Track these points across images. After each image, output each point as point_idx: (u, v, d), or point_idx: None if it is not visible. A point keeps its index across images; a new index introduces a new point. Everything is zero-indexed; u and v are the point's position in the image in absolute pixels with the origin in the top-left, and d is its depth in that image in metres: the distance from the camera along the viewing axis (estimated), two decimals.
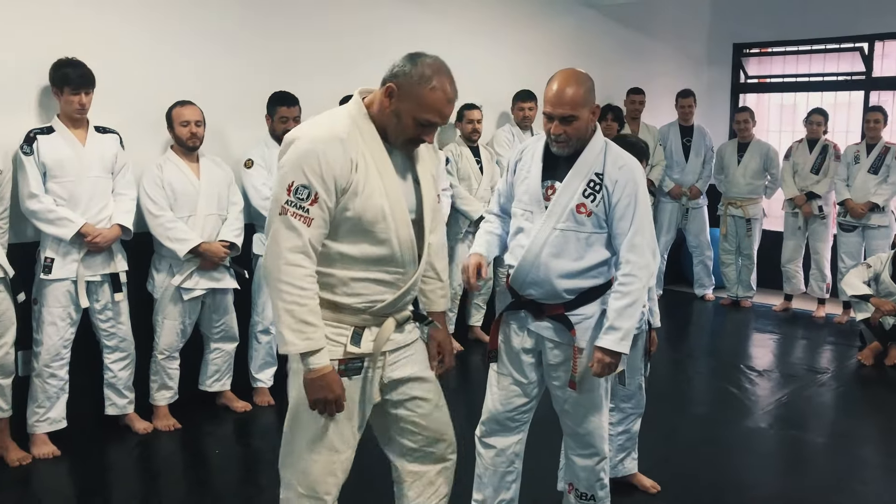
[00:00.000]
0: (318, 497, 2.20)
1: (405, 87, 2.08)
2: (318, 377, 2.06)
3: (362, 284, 2.14)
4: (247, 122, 4.42)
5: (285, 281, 2.02)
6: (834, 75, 7.66)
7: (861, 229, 6.26)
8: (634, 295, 2.53)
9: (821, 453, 4.00)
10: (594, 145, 2.59)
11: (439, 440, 2.39)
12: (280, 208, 2.04)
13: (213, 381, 4.22)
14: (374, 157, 2.11)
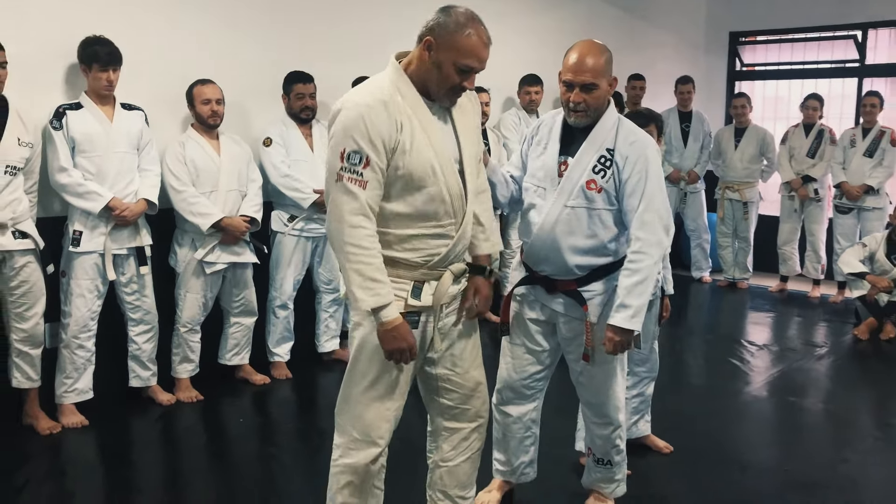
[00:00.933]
0: (373, 441, 2.31)
1: (443, 37, 2.16)
2: (392, 329, 2.17)
3: (418, 240, 2.25)
4: (264, 101, 4.52)
5: (350, 243, 2.13)
6: (828, 63, 7.83)
7: (857, 211, 6.44)
8: (645, 272, 2.53)
9: (818, 421, 4.15)
10: (607, 119, 2.61)
11: (474, 397, 2.50)
12: (336, 175, 2.14)
13: (233, 354, 4.32)
14: (417, 115, 2.20)
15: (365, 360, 2.27)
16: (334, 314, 4.69)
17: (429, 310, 2.31)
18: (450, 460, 2.54)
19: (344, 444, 2.34)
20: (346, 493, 2.34)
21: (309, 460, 3.51)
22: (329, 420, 3.94)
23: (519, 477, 2.98)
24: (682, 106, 7.12)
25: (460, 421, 2.52)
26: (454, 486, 2.56)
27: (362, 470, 2.32)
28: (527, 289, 2.79)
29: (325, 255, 4.54)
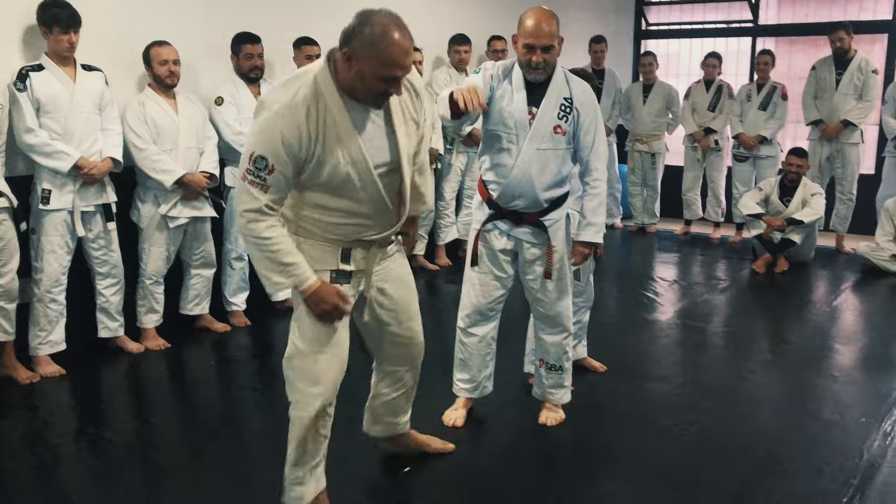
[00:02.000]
0: (322, 394, 2.43)
1: (361, 50, 2.17)
2: (313, 294, 2.32)
3: (343, 227, 2.41)
4: (212, 61, 4.69)
5: (252, 236, 2.26)
6: (724, 23, 8.46)
7: (752, 159, 7.11)
8: (603, 194, 3.11)
9: (723, 343, 4.72)
10: (558, 74, 3.05)
11: (410, 346, 2.78)
12: (242, 174, 2.25)
13: (194, 304, 4.56)
14: (336, 123, 2.24)
15: (305, 318, 2.40)
16: None
17: (359, 273, 2.50)
18: (386, 395, 2.86)
19: (293, 396, 2.48)
20: (293, 444, 2.49)
21: (271, 398, 3.75)
22: None
23: (481, 391, 3.40)
24: (596, 64, 7.58)
25: (396, 365, 2.80)
26: (386, 414, 2.90)
27: (309, 422, 2.45)
28: (493, 224, 3.18)
29: None
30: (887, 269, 6.07)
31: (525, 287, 3.28)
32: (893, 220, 6.14)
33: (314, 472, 2.56)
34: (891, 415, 3.47)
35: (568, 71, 3.13)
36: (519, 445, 3.25)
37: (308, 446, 2.51)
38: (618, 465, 3.07)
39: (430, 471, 2.99)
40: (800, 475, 2.94)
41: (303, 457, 2.52)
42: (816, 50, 7.77)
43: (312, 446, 2.51)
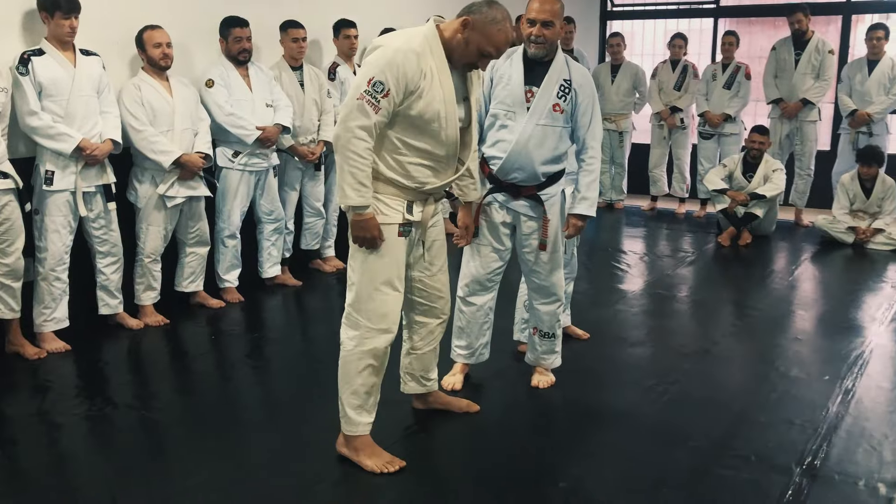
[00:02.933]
0: (387, 328, 2.80)
1: (479, 23, 2.63)
2: (363, 220, 2.66)
3: (414, 168, 2.74)
4: (201, 44, 4.79)
5: (352, 150, 2.58)
6: (687, 4, 8.73)
7: (717, 137, 7.41)
8: (597, 171, 3.33)
9: (692, 311, 5.02)
10: (559, 57, 3.25)
11: (440, 297, 3.08)
12: (358, 94, 2.57)
13: (189, 282, 4.70)
14: (439, 71, 2.66)
15: (376, 261, 2.75)
16: (276, 242, 5.12)
17: (417, 224, 2.84)
18: (419, 349, 3.15)
19: (359, 335, 2.79)
20: (366, 374, 2.82)
21: (266, 369, 3.99)
22: (282, 333, 4.52)
23: (478, 357, 3.62)
24: (565, 44, 7.75)
25: (428, 317, 3.10)
26: (420, 369, 3.19)
27: (381, 352, 2.81)
28: (492, 197, 3.38)
29: (266, 188, 4.94)
30: (843, 240, 6.43)
31: (521, 259, 3.49)
32: (849, 193, 6.49)
33: (376, 402, 2.90)
34: (850, 373, 3.78)
35: (568, 56, 3.31)
36: (513, 407, 3.49)
37: (371, 379, 2.82)
38: (606, 422, 3.32)
39: (431, 430, 3.22)
40: (773, 426, 3.22)
41: (366, 388, 2.83)
42: (775, 30, 8.10)
43: (376, 379, 2.85)
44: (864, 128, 6.80)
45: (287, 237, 5.24)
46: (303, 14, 5.14)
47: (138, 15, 4.38)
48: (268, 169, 4.90)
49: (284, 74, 5.10)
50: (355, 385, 2.83)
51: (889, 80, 6.75)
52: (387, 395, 3.03)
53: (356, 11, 5.59)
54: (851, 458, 2.95)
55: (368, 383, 2.84)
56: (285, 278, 5.23)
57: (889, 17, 7.79)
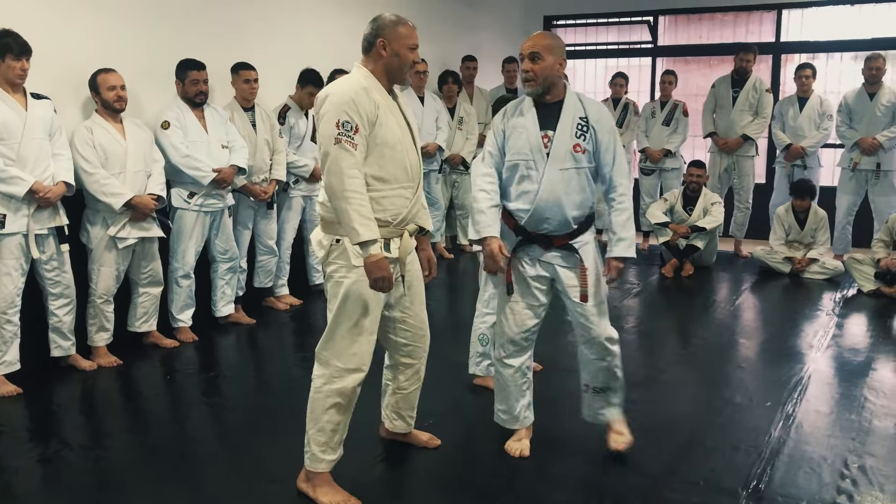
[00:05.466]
0: (358, 368, 2.87)
1: (389, 35, 2.82)
2: (377, 260, 2.70)
3: (389, 200, 2.83)
4: (156, 87, 4.83)
5: (350, 189, 2.67)
6: (627, 44, 9.06)
7: (658, 172, 7.68)
8: (630, 209, 3.13)
9: (637, 342, 5.15)
10: (570, 96, 3.08)
11: (424, 335, 3.17)
12: (334, 140, 2.69)
13: (142, 322, 4.68)
14: (385, 101, 2.83)
15: (351, 304, 2.82)
16: (230, 281, 5.13)
17: (395, 261, 2.90)
18: (405, 389, 3.24)
19: (329, 374, 2.86)
20: (332, 412, 2.87)
21: (221, 409, 3.99)
22: (236, 371, 4.52)
23: (522, 422, 3.40)
24: (509, 83, 8.00)
25: (414, 357, 3.19)
26: (407, 408, 3.29)
27: (349, 392, 2.87)
28: (523, 251, 3.20)
29: (221, 228, 4.97)
30: (780, 270, 6.70)
31: (570, 311, 3.27)
32: (784, 225, 6.78)
33: (341, 441, 2.94)
34: (791, 398, 3.95)
35: (580, 93, 3.17)
36: (470, 438, 3.56)
37: (337, 417, 2.88)
38: (560, 450, 3.41)
39: (392, 464, 3.27)
40: (719, 451, 3.35)
41: (332, 426, 2.87)
42: (710, 69, 8.46)
43: (342, 418, 2.90)
44: (798, 161, 7.13)
45: (240, 275, 5.26)
46: (250, 57, 5.23)
47: (91, 58, 4.41)
48: (223, 209, 4.94)
49: (237, 115, 5.16)
50: (322, 422, 2.88)
51: (819, 116, 7.12)
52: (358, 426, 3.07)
53: (307, 55, 5.70)
54: (793, 481, 3.09)
55: (335, 421, 2.89)
56: (239, 317, 5.24)
57: (816, 56, 8.20)
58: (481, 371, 4.00)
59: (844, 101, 6.98)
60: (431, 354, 4.43)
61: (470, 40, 8.09)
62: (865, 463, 3.23)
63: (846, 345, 4.88)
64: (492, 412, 3.72)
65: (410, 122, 2.95)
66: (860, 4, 7.97)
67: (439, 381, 4.11)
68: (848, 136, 6.91)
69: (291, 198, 5.62)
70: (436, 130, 7.04)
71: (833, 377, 4.35)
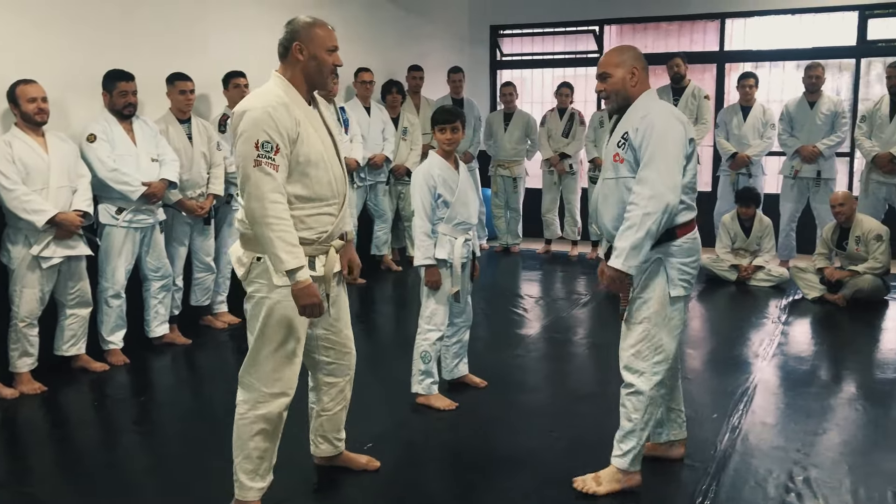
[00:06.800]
0: (283, 392, 2.76)
1: (306, 38, 2.66)
2: (306, 287, 2.59)
3: (313, 219, 2.70)
4: (81, 98, 4.63)
5: (272, 215, 2.53)
6: (573, 54, 9.06)
7: None
8: (633, 220, 2.78)
9: (585, 354, 5.12)
10: (638, 106, 2.91)
11: (347, 353, 3.05)
12: (253, 162, 2.54)
13: (70, 345, 4.46)
14: (305, 114, 2.68)
15: (274, 325, 2.69)
16: (163, 300, 4.93)
17: (320, 280, 2.78)
18: (329, 410, 3.09)
19: (253, 399, 2.73)
20: (258, 438, 2.74)
21: (154, 436, 3.81)
22: (168, 397, 4.34)
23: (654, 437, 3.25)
24: (455, 93, 7.93)
25: (337, 376, 3.06)
26: (332, 430, 3.14)
27: (275, 417, 2.75)
28: None
29: (152, 245, 4.77)
30: (727, 278, 6.71)
31: None
32: (730, 233, 6.81)
33: (270, 467, 2.82)
34: (737, 410, 3.91)
35: (656, 102, 2.96)
36: (414, 459, 3.45)
37: (264, 444, 2.75)
38: (506, 469, 3.30)
39: (328, 487, 3.14)
40: (667, 466, 3.28)
41: (259, 453, 2.76)
42: (655, 78, 8.45)
43: (269, 444, 2.78)
44: (743, 169, 7.17)
45: (175, 294, 5.07)
46: (183, 67, 5.04)
47: (10, 68, 4.20)
48: (154, 225, 4.75)
49: (171, 127, 4.98)
50: (248, 450, 2.76)
51: (762, 125, 7.18)
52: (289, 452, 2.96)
53: (245, 62, 5.54)
54: (739, 497, 3.04)
55: (261, 448, 2.77)
56: (174, 337, 5.04)
57: (760, 65, 8.29)
58: (424, 389, 3.88)
59: (786, 110, 7.05)
60: (374, 373, 4.35)
61: (416, 50, 8.00)
62: (810, 475, 3.19)
63: (791, 353, 4.88)
64: (435, 432, 3.64)
65: (333, 134, 2.83)
66: (801, 14, 8.07)
67: (382, 402, 4.02)
68: (789, 144, 6.99)
69: (235, 210, 5.44)
70: (383, 141, 6.92)
71: (779, 387, 4.33)
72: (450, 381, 4.14)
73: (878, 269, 5.92)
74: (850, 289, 5.92)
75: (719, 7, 8.27)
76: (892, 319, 5.73)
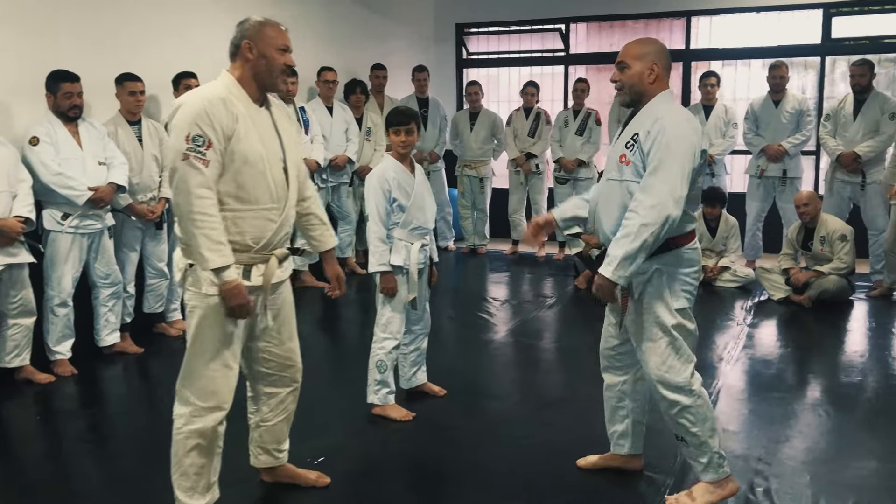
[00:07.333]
0: (218, 406, 2.65)
1: (255, 37, 2.60)
2: (233, 287, 2.51)
3: (247, 222, 2.59)
4: (24, 100, 4.45)
5: (198, 211, 2.44)
6: (539, 52, 8.98)
7: (572, 182, 7.58)
8: (629, 228, 2.62)
9: (551, 358, 5.04)
10: (652, 105, 2.75)
11: (290, 366, 2.93)
12: (182, 155, 2.46)
13: (13, 356, 4.28)
14: (248, 112, 2.58)
15: (207, 335, 2.59)
16: (113, 308, 4.76)
17: (257, 290, 2.66)
18: (269, 421, 2.97)
19: (188, 412, 2.64)
20: (194, 454, 2.64)
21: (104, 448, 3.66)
22: (119, 409, 4.19)
23: (614, 447, 3.20)
24: (420, 92, 7.82)
25: (278, 387, 2.94)
26: (272, 441, 3.01)
27: (210, 431, 2.65)
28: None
29: (100, 251, 4.60)
30: None
31: None
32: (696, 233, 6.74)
33: (210, 484, 2.72)
34: None
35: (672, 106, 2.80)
36: (369, 471, 3.33)
37: (200, 459, 2.66)
38: (468, 480, 3.20)
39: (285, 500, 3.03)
40: (626, 477, 3.20)
41: (196, 469, 2.65)
42: None
43: (205, 460, 2.67)
44: (707, 169, 7.13)
45: (127, 301, 4.90)
46: (131, 67, 4.87)
47: None
48: (102, 230, 4.58)
49: (121, 130, 4.81)
50: (184, 466, 2.66)
51: (724, 124, 7.15)
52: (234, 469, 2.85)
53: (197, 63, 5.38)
54: None
55: (198, 464, 2.66)
56: (125, 345, 4.87)
57: (726, 63, 8.27)
58: (380, 400, 3.77)
59: (751, 109, 7.02)
60: (332, 382, 4.23)
61: (380, 49, 7.87)
62: (771, 486, 3.13)
63: (756, 356, 4.83)
64: (392, 444, 3.53)
65: (283, 137, 2.71)
66: (766, 12, 8.05)
67: (337, 413, 3.91)
68: (755, 143, 6.95)
69: None
70: (346, 142, 6.78)
71: (743, 392, 4.27)
72: (408, 390, 4.04)
73: (843, 269, 5.90)
74: (816, 289, 5.89)
75: (685, 5, 8.23)
76: (857, 320, 5.71)
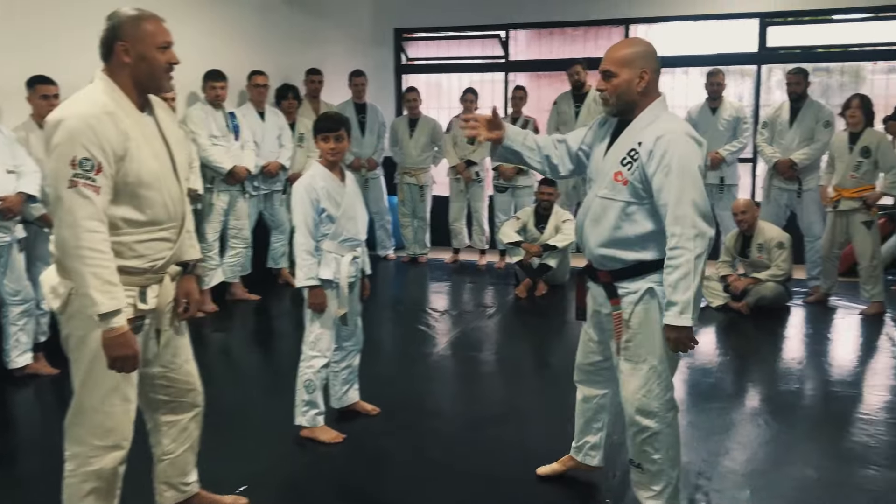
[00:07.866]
0: (118, 444, 2.40)
1: (131, 36, 2.31)
2: (118, 335, 2.23)
3: (145, 245, 2.36)
4: None
5: (86, 246, 2.18)
6: (479, 58, 8.89)
7: (511, 189, 7.48)
8: (685, 267, 2.48)
9: (493, 370, 4.92)
10: (646, 115, 2.60)
11: (190, 389, 2.70)
12: (68, 182, 2.18)
13: None
14: (137, 126, 2.33)
15: (102, 368, 2.30)
16: (25, 326, 4.46)
17: (152, 312, 2.44)
18: (171, 452, 2.73)
19: (83, 453, 2.38)
20: (91, 499, 2.39)
21: (15, 476, 3.41)
22: (35, 433, 3.90)
23: (584, 457, 3.13)
24: (357, 98, 7.64)
25: (178, 413, 2.69)
26: (177, 475, 2.76)
27: (109, 473, 2.40)
28: (588, 277, 2.83)
29: (10, 266, 4.31)
30: None
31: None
32: None
33: None
34: None
35: (667, 114, 2.66)
36: (304, 497, 3.15)
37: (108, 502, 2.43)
38: None
39: None
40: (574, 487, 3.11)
41: None
42: (562, 83, 8.35)
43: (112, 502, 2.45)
44: None
45: (41, 319, 4.60)
46: (46, 70, 4.59)
47: None
48: (11, 244, 4.29)
49: (33, 136, 4.52)
50: None
51: None
52: None
53: None
54: None
55: None
56: (39, 367, 4.57)
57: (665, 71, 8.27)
58: (308, 421, 3.58)
59: (689, 116, 7.01)
60: (259, 402, 4.03)
61: (315, 53, 7.66)
62: (711, 501, 3.04)
63: (696, 365, 4.76)
64: (321, 469, 3.35)
65: (171, 146, 2.46)
66: (703, 21, 8.09)
67: (262, 436, 3.72)
68: None
69: None
70: (279, 148, 6.56)
71: (682, 403, 4.09)
72: (339, 410, 3.85)
73: (781, 276, 5.91)
74: (754, 296, 5.89)
75: (624, 13, 8.22)
76: (794, 326, 5.72)
